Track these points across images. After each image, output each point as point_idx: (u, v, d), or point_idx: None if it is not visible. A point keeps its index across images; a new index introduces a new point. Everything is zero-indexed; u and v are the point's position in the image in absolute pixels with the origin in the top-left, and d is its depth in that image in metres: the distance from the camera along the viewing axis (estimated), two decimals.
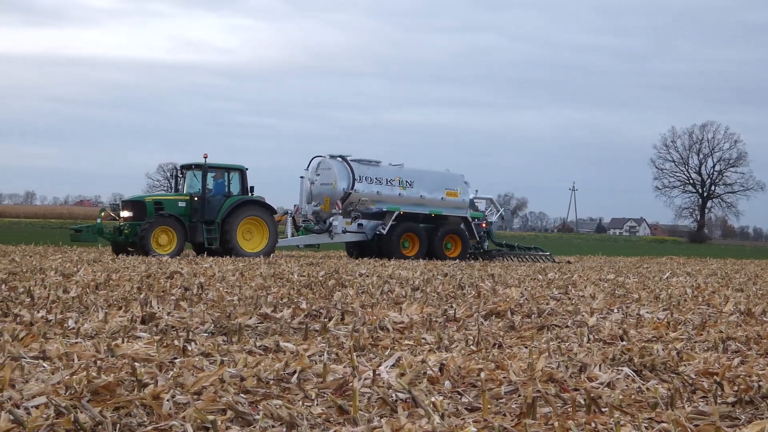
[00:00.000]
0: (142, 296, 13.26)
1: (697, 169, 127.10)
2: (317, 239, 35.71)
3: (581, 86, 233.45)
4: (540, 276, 22.67)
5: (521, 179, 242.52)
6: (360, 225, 35.79)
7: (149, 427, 5.60)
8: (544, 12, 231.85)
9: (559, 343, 9.54)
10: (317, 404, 6.27)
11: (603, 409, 6.28)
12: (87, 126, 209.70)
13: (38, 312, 11.06)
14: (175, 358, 7.87)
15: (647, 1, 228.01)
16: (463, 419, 6.08)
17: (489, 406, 6.29)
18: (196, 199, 32.43)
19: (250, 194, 33.29)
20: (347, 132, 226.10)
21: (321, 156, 36.52)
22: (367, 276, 20.34)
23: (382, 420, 5.91)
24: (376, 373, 6.97)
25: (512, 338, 10.25)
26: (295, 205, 36.76)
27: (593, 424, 5.92)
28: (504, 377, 7.20)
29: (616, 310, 13.28)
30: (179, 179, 34.09)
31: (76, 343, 8.69)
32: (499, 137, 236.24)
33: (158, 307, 11.97)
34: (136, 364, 7.28)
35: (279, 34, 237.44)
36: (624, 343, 9.69)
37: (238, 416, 5.76)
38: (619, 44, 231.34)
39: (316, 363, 7.56)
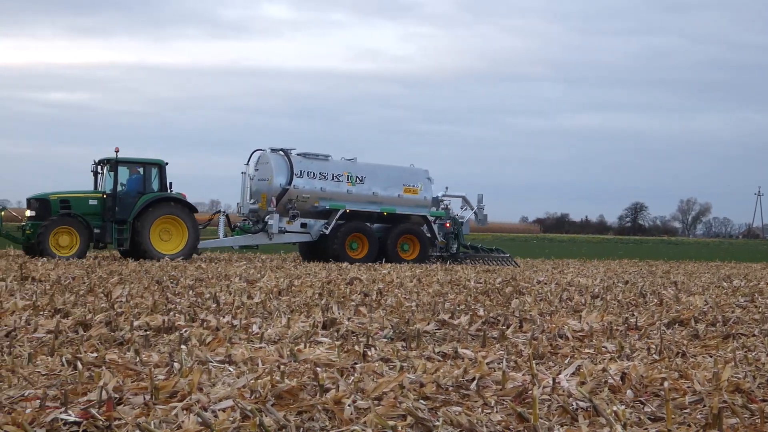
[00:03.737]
0: (323, 302, 13.49)
1: None
2: (253, 240, 32.77)
3: (767, 87, 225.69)
4: (725, 283, 22.02)
5: (703, 184, 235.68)
6: (304, 224, 32.69)
7: None
8: (726, 12, 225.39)
9: (745, 352, 9.25)
10: (497, 411, 6.25)
11: None
12: (267, 135, 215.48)
13: (224, 317, 11.38)
14: (356, 364, 7.97)
15: None
16: (645, 429, 5.97)
17: (673, 416, 6.15)
18: (104, 196, 29.84)
19: (169, 191, 30.36)
20: (524, 137, 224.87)
21: (261, 149, 33.37)
22: (545, 283, 20.17)
23: (562, 428, 5.86)
24: (556, 381, 6.91)
25: (696, 347, 9.99)
26: (237, 203, 34.03)
27: None
28: (688, 387, 7.03)
29: None
30: (98, 175, 30.58)
31: (260, 347, 8.91)
32: (679, 141, 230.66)
33: (339, 313, 12.16)
34: (318, 368, 7.42)
35: (455, 40, 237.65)
36: None
37: (418, 422, 5.79)
38: None
39: (494, 370, 7.54)
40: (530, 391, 6.56)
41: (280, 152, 32.82)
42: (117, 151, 29.75)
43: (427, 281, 19.66)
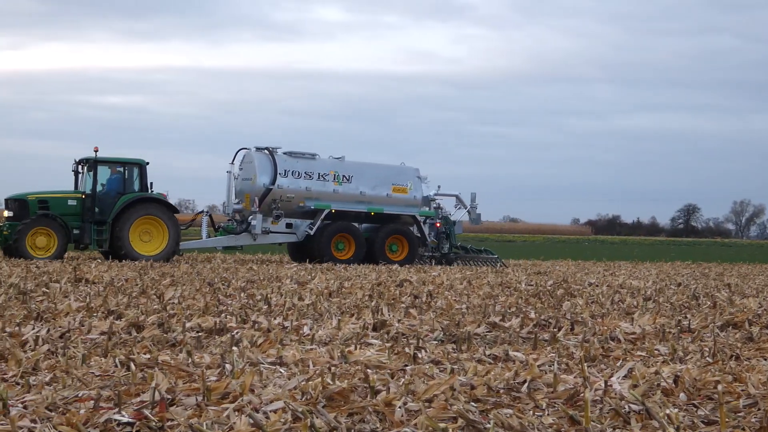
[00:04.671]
0: (373, 304, 13.50)
1: None
2: (237, 240, 32.07)
3: None
4: None
5: (757, 185, 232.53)
6: (289, 225, 32.16)
7: None
8: None
9: None
10: (548, 414, 6.22)
11: None
12: (320, 138, 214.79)
13: (275, 319, 11.44)
14: (406, 366, 7.98)
15: None
16: None
17: (727, 420, 6.09)
18: (83, 196, 29.35)
19: (149, 191, 29.87)
20: (576, 138, 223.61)
21: (246, 148, 32.76)
22: (597, 285, 20.06)
23: (615, 431, 5.82)
24: (608, 383, 6.86)
25: (750, 350, 9.88)
26: (223, 203, 33.53)
27: None
28: (742, 390, 6.95)
29: None
30: (79, 175, 30.10)
31: (311, 349, 8.94)
32: (733, 142, 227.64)
33: (389, 315, 12.17)
34: (368, 370, 7.43)
35: (507, 42, 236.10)
36: None
37: (468, 425, 5.78)
38: None
39: (546, 373, 7.51)
40: (582, 394, 6.52)
41: (265, 151, 32.24)
42: (96, 151, 29.31)
43: (477, 284, 19.62)
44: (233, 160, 32.67)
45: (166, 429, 5.63)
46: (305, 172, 32.19)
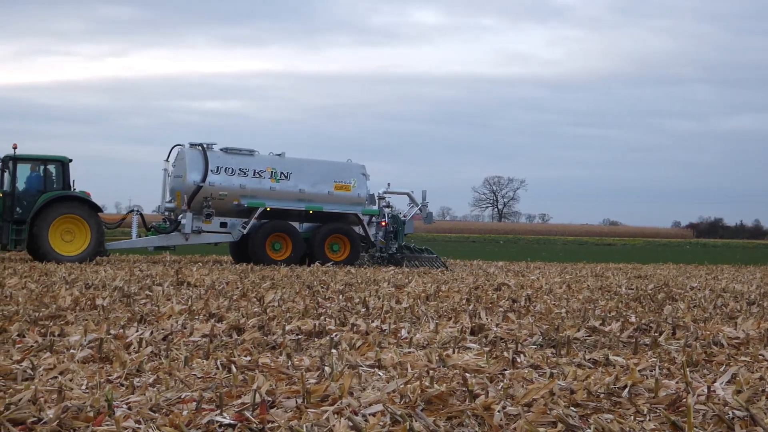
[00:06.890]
0: (471, 308, 13.48)
1: None
2: (168, 240, 30.70)
3: None
4: None
5: None
6: (223, 224, 30.72)
7: None
8: None
9: None
10: (649, 419, 6.14)
11: None
12: (415, 142, 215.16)
13: (373, 322, 11.49)
14: (505, 370, 7.95)
15: None
16: None
17: None
18: (2, 195, 28.00)
19: (72, 189, 28.53)
20: (676, 140, 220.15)
21: (180, 144, 31.17)
22: (699, 289, 19.74)
23: None
24: (711, 389, 6.76)
25: None
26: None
27: None
28: None
29: None
30: (4, 173, 28.61)
31: (409, 352, 8.96)
32: None
33: (487, 319, 12.13)
34: (467, 374, 7.42)
35: (605, 43, 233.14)
36: None
37: (568, 429, 5.74)
38: None
39: (647, 378, 7.42)
40: (684, 400, 6.43)
41: (198, 147, 30.83)
42: (15, 148, 28.30)
43: (576, 287, 19.46)
44: (168, 157, 31.62)
45: (267, 431, 5.69)
46: (240, 169, 30.89)
